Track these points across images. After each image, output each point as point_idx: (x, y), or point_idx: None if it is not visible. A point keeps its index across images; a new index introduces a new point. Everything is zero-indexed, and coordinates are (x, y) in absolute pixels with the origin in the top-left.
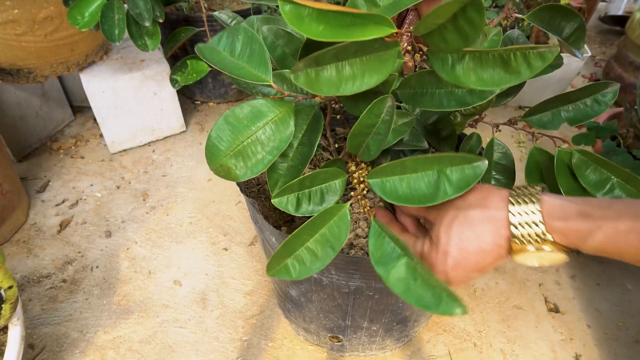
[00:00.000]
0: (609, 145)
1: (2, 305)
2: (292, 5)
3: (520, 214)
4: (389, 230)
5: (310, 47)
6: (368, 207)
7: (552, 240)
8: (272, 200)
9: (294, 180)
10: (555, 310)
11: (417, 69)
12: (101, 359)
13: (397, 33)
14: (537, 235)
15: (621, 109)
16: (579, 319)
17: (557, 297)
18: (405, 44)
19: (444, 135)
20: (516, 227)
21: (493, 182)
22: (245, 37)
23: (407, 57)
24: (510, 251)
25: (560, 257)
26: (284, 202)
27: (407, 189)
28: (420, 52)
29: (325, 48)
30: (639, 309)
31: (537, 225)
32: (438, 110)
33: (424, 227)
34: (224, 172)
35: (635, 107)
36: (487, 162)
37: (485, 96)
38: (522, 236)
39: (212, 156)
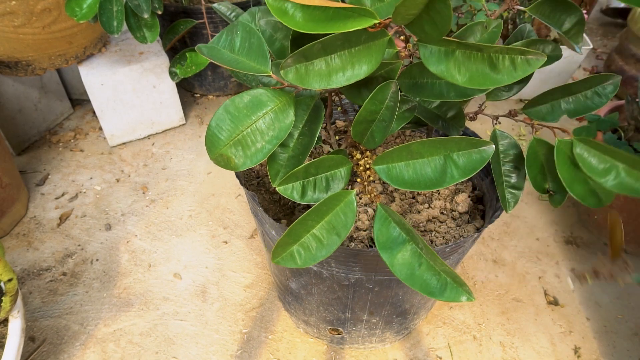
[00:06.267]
0: (609, 138)
1: (2, 298)
2: None
3: None
4: (395, 215)
5: (299, 40)
6: (375, 193)
7: None
8: (277, 188)
9: (299, 167)
10: (554, 303)
11: (411, 58)
12: (102, 351)
13: (380, 23)
14: None
15: (622, 101)
16: (578, 311)
17: (556, 290)
18: (396, 35)
19: (449, 117)
20: None
21: (505, 172)
22: (244, 32)
23: (400, 47)
24: None
25: None
26: (289, 190)
27: (413, 174)
28: (414, 43)
29: (313, 41)
30: (639, 302)
31: None
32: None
33: None
34: (223, 162)
35: (637, 99)
36: (493, 146)
37: (484, 90)
38: None
39: (212, 145)
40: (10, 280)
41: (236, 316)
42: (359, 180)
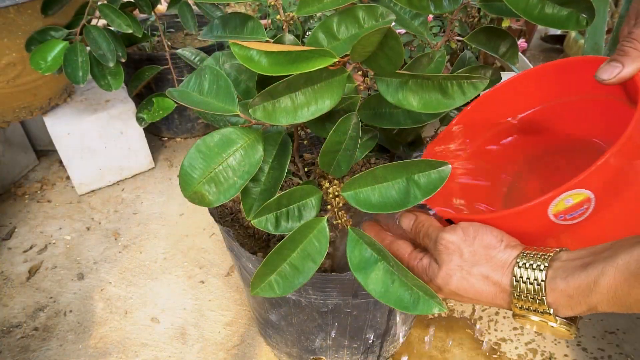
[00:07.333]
0: None
1: None
2: (240, 47)
3: (524, 282)
4: (365, 236)
5: (265, 80)
6: (345, 218)
7: (550, 312)
8: (251, 221)
9: (271, 200)
10: None
11: (370, 91)
12: None
13: (339, 61)
14: (537, 305)
15: None
16: None
17: None
18: (354, 70)
19: (409, 141)
20: (518, 298)
21: None
22: (212, 76)
23: (359, 81)
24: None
25: (561, 331)
26: (264, 222)
27: (379, 197)
28: (371, 77)
29: (278, 81)
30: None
31: (538, 296)
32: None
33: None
34: (198, 199)
35: None
36: (450, 166)
37: (438, 114)
38: (523, 307)
39: (186, 184)
40: None
41: (218, 356)
42: (329, 207)
